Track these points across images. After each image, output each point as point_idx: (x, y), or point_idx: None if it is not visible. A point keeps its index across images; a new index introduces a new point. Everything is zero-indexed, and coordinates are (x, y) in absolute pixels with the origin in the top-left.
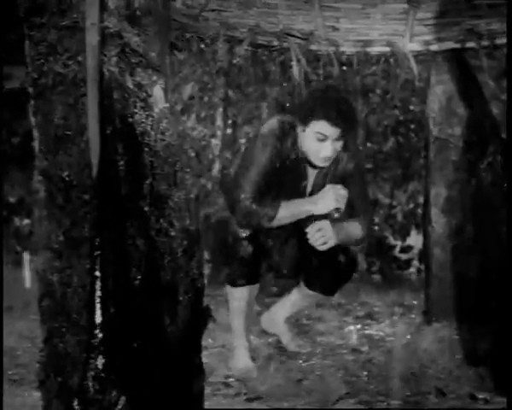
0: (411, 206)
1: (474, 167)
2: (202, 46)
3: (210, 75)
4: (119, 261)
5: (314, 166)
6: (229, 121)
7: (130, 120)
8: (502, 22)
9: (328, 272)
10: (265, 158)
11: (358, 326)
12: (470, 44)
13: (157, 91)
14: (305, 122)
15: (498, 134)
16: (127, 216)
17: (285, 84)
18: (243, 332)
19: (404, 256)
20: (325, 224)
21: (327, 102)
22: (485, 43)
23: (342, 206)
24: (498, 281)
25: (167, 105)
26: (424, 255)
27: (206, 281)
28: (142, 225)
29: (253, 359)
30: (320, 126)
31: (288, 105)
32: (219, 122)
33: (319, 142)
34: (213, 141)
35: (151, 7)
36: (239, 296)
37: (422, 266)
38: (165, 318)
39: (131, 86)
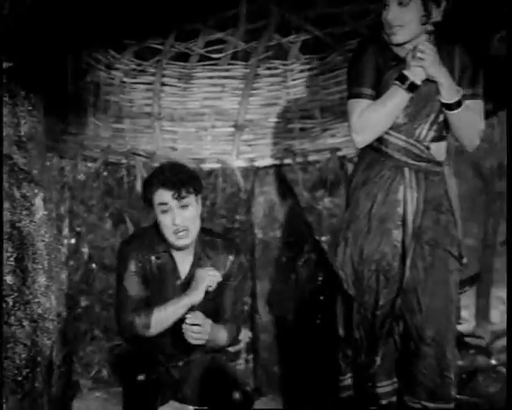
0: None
1: (292, 264)
2: (47, 163)
3: (56, 190)
4: (8, 340)
5: (180, 249)
6: (74, 232)
7: (18, 224)
8: (312, 142)
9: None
10: (131, 266)
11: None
12: (287, 161)
13: (38, 201)
14: (149, 202)
15: (312, 235)
16: (15, 302)
17: (127, 198)
18: None
19: (232, 349)
20: (200, 316)
21: (158, 171)
22: (299, 159)
23: (213, 284)
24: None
25: (46, 212)
26: (252, 341)
27: None
28: (27, 309)
29: None
30: (159, 197)
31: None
32: (65, 232)
33: (165, 214)
34: (61, 250)
35: (33, 134)
36: None
37: (250, 357)
38: (45, 386)
39: (18, 197)
